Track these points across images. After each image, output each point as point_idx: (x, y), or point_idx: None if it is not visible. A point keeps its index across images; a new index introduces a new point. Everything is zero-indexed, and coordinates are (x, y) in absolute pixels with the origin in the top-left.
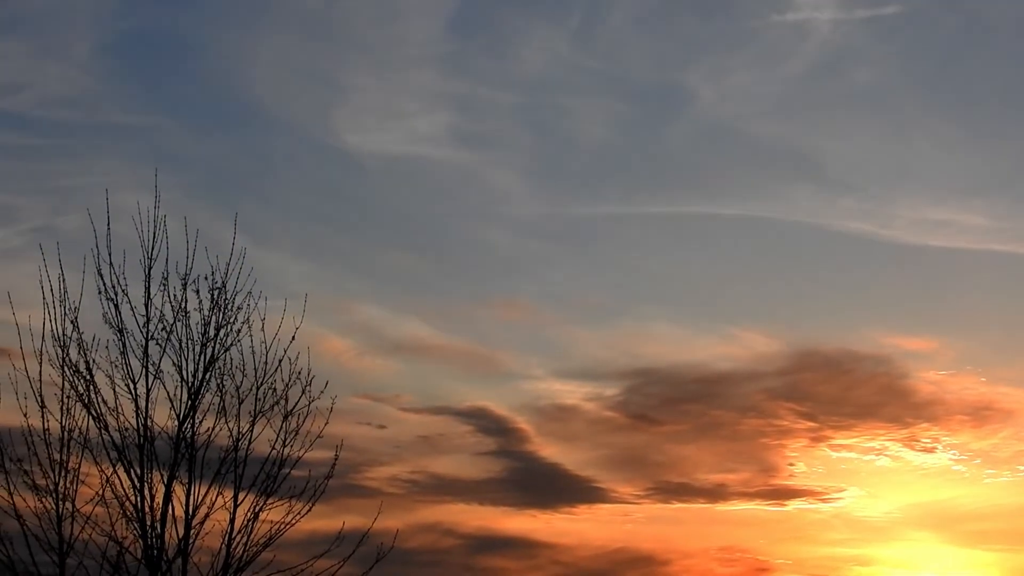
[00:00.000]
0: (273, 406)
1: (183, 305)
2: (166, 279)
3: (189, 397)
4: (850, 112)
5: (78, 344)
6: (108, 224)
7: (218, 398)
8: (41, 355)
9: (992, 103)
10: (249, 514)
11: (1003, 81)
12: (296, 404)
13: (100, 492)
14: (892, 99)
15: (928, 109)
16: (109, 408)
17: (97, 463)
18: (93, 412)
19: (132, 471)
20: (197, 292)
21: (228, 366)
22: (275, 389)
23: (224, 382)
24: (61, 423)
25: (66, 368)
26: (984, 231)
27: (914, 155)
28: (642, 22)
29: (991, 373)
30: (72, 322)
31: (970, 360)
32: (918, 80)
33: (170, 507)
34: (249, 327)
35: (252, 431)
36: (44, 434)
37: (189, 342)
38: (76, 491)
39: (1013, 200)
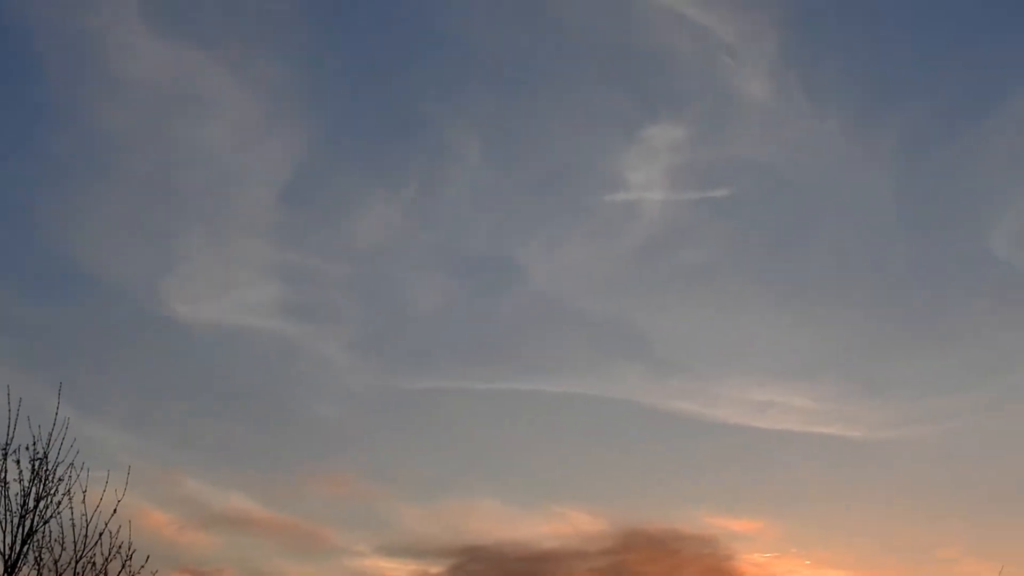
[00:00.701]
0: None
1: (2, 476)
2: None
3: (5, 571)
4: (680, 291)
5: None
6: None
7: (35, 572)
8: None
9: (818, 287)
10: None
11: (828, 266)
12: None
13: None
14: (721, 280)
15: (756, 291)
16: None
17: None
18: None
19: None
20: (17, 462)
21: (47, 539)
22: (94, 563)
23: (42, 555)
24: None
25: None
26: (808, 413)
27: (741, 336)
28: (478, 195)
29: (815, 555)
30: None
31: (794, 542)
32: (746, 262)
33: None
34: (70, 499)
35: None
36: None
37: (7, 513)
38: None
39: (836, 383)
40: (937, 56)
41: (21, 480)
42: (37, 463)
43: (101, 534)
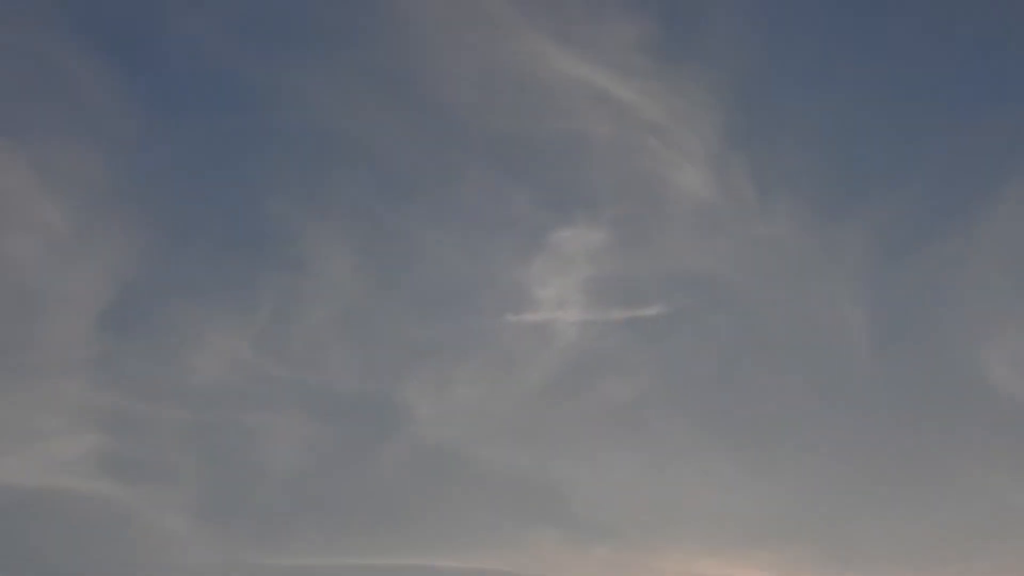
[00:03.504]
0: None
1: None
2: None
3: None
4: (603, 436)
5: None
6: None
7: None
8: None
9: (774, 428)
10: None
11: (786, 401)
12: None
13: None
14: (654, 420)
15: (698, 434)
16: None
17: None
18: None
19: None
20: None
21: None
22: None
23: None
24: None
25: None
26: None
27: (682, 491)
28: (347, 320)
29: None
30: None
31: None
32: (685, 397)
33: None
34: None
35: None
36: None
37: None
38: None
39: (801, 550)
40: (918, 136)
41: None
42: None
43: None
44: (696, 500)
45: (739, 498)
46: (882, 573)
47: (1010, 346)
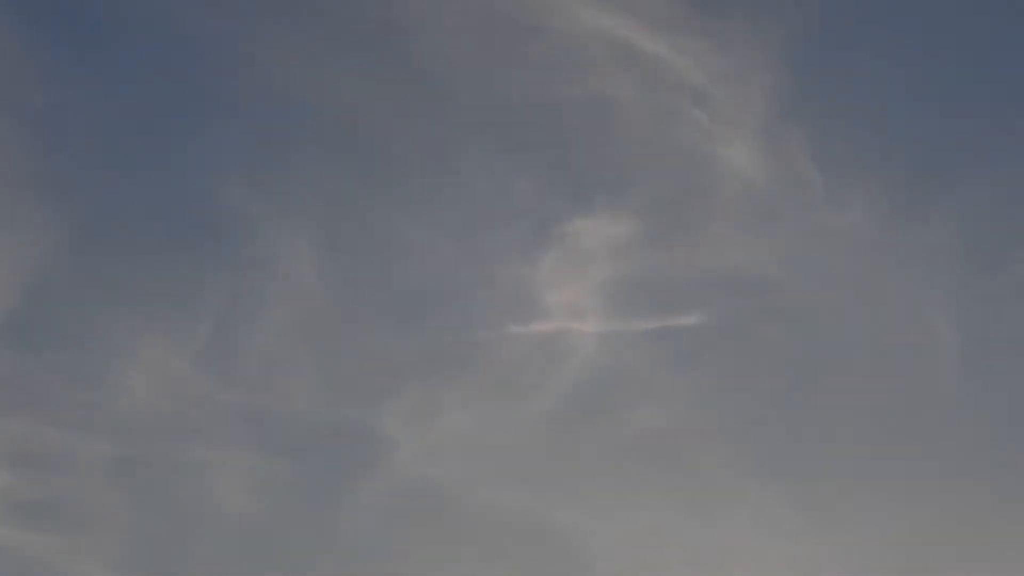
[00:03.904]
0: None
1: None
2: None
3: None
4: (628, 475)
5: None
6: None
7: None
8: None
9: (840, 466)
10: None
11: (855, 433)
12: None
13: None
14: (691, 457)
15: (744, 472)
16: None
17: None
18: None
19: None
20: None
21: None
22: None
23: None
24: None
25: None
26: None
27: (726, 546)
28: (308, 334)
29: None
30: None
31: None
32: (730, 428)
33: None
34: None
35: None
36: None
37: None
38: None
39: None
40: (1021, 106)
41: None
42: None
43: None
44: (743, 553)
45: (796, 550)
46: None
47: None
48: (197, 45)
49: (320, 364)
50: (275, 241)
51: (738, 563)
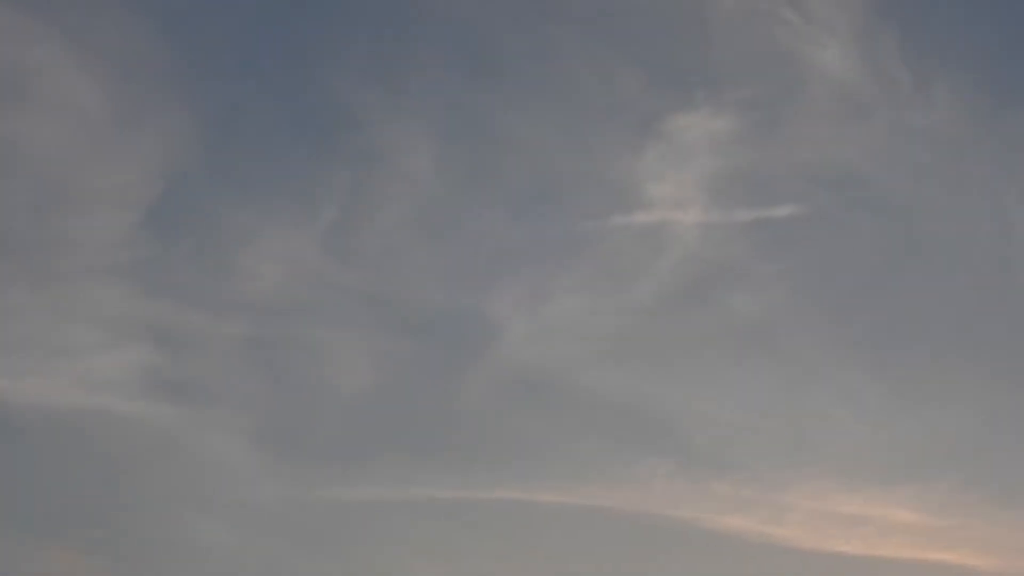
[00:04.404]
0: None
1: None
2: None
3: None
4: (726, 356)
5: None
6: None
7: None
8: None
9: (927, 350)
10: None
11: (940, 319)
12: None
13: None
14: (786, 339)
15: (836, 355)
16: None
17: None
18: None
19: None
20: None
21: None
22: None
23: None
24: None
25: None
26: (917, 533)
27: (817, 420)
28: (428, 222)
29: None
30: None
31: None
32: (822, 313)
33: None
34: None
35: None
36: None
37: None
38: None
39: (957, 488)
40: None
41: None
42: None
43: None
44: (832, 429)
45: (883, 427)
46: None
47: None
48: None
49: (435, 251)
50: (392, 134)
51: (824, 434)
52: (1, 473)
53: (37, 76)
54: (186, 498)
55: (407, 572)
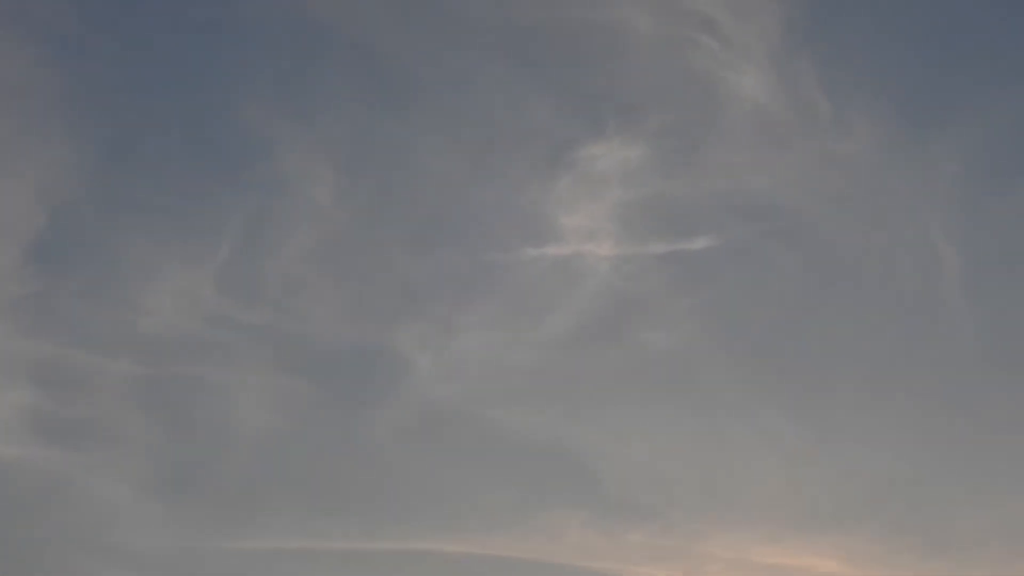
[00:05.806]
0: None
1: None
2: None
3: None
4: (640, 396)
5: None
6: None
7: None
8: None
9: (848, 389)
10: None
11: (863, 356)
12: None
13: None
14: (703, 377)
15: (755, 394)
16: None
17: None
18: None
19: None
20: None
21: None
22: None
23: None
24: None
25: None
26: None
27: (735, 465)
28: (332, 254)
29: None
30: None
31: None
32: (740, 349)
33: None
34: None
35: None
36: None
37: None
38: None
39: (881, 537)
40: None
41: None
42: None
43: None
44: (752, 474)
45: (803, 472)
46: (976, 567)
47: None
48: None
49: (339, 286)
50: (295, 161)
51: (744, 479)
52: None
53: None
54: (74, 546)
55: None
